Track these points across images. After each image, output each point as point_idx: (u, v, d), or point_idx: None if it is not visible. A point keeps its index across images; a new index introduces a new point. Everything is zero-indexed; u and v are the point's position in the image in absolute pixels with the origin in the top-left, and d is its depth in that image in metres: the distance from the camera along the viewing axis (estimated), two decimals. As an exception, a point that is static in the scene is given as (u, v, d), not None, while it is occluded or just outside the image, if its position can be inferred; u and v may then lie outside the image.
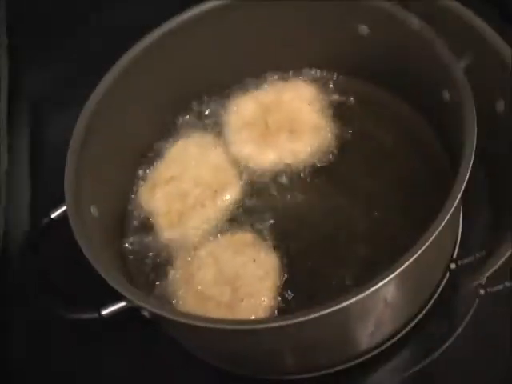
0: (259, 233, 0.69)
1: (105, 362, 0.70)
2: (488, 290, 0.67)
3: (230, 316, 0.63)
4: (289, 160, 0.73)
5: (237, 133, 0.75)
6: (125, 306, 0.58)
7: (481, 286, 0.66)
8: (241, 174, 0.73)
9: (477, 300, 0.69)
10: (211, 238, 0.69)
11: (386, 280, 0.53)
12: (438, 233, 0.55)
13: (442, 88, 0.65)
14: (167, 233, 0.70)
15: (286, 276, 0.67)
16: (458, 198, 0.57)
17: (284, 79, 0.78)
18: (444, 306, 0.69)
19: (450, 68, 0.63)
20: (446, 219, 0.55)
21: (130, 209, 0.74)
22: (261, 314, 0.64)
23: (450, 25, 0.64)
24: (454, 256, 0.70)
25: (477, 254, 0.70)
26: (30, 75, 0.90)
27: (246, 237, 0.69)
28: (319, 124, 0.74)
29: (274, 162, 0.73)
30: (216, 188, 0.72)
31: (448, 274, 0.69)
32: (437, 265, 0.68)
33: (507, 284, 0.67)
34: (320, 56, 0.77)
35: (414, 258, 0.54)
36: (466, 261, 0.69)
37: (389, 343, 0.67)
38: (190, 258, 0.68)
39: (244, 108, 0.76)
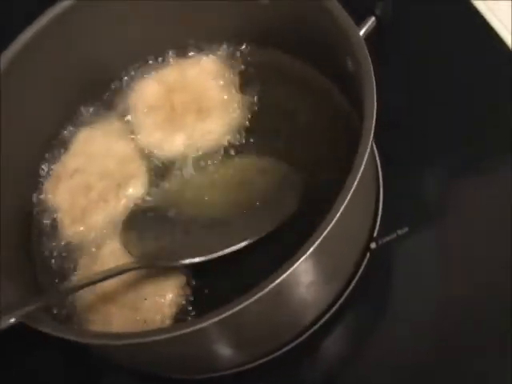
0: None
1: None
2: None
3: (133, 317, 0.60)
4: (199, 142, 0.69)
5: (141, 119, 0.70)
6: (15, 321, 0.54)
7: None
8: (147, 163, 0.69)
9: (368, 255, 0.65)
10: (114, 236, 0.65)
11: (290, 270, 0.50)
12: (348, 202, 0.51)
13: (345, 56, 0.61)
14: (70, 230, 0.66)
15: (191, 270, 0.63)
16: (364, 159, 0.53)
17: (187, 56, 0.73)
18: (366, 285, 0.65)
19: (349, 36, 0.60)
20: (353, 187, 0.52)
21: (35, 207, 0.70)
22: (166, 311, 0.60)
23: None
24: (375, 235, 0.66)
25: (398, 232, 0.67)
26: None
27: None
28: (227, 99, 0.70)
29: (182, 146, 0.69)
30: (119, 181, 0.67)
31: (368, 254, 0.66)
32: (355, 242, 0.64)
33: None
34: (223, 28, 0.72)
35: (324, 233, 0.51)
36: (387, 239, 0.66)
37: (316, 326, 0.64)
38: (92, 259, 0.64)
39: (147, 90, 0.71)
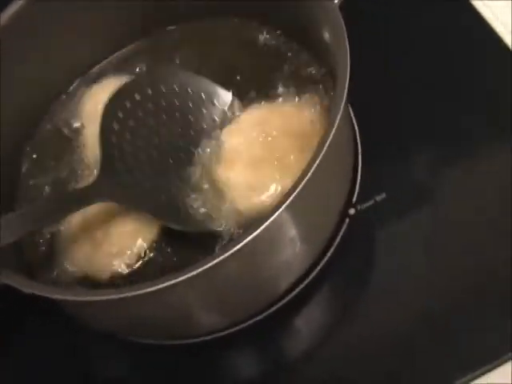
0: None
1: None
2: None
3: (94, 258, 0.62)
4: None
5: None
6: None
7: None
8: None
9: (347, 220, 0.63)
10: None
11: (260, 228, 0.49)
12: (322, 159, 0.50)
13: (320, 25, 0.61)
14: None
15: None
16: (337, 121, 0.52)
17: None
18: (346, 253, 0.63)
19: (324, 5, 0.59)
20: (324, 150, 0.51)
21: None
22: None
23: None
24: (354, 201, 0.64)
25: (376, 198, 0.65)
26: None
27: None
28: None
29: None
30: None
31: (347, 220, 0.64)
32: (332, 204, 0.62)
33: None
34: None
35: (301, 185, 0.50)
36: (365, 205, 0.65)
37: (293, 293, 0.62)
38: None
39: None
